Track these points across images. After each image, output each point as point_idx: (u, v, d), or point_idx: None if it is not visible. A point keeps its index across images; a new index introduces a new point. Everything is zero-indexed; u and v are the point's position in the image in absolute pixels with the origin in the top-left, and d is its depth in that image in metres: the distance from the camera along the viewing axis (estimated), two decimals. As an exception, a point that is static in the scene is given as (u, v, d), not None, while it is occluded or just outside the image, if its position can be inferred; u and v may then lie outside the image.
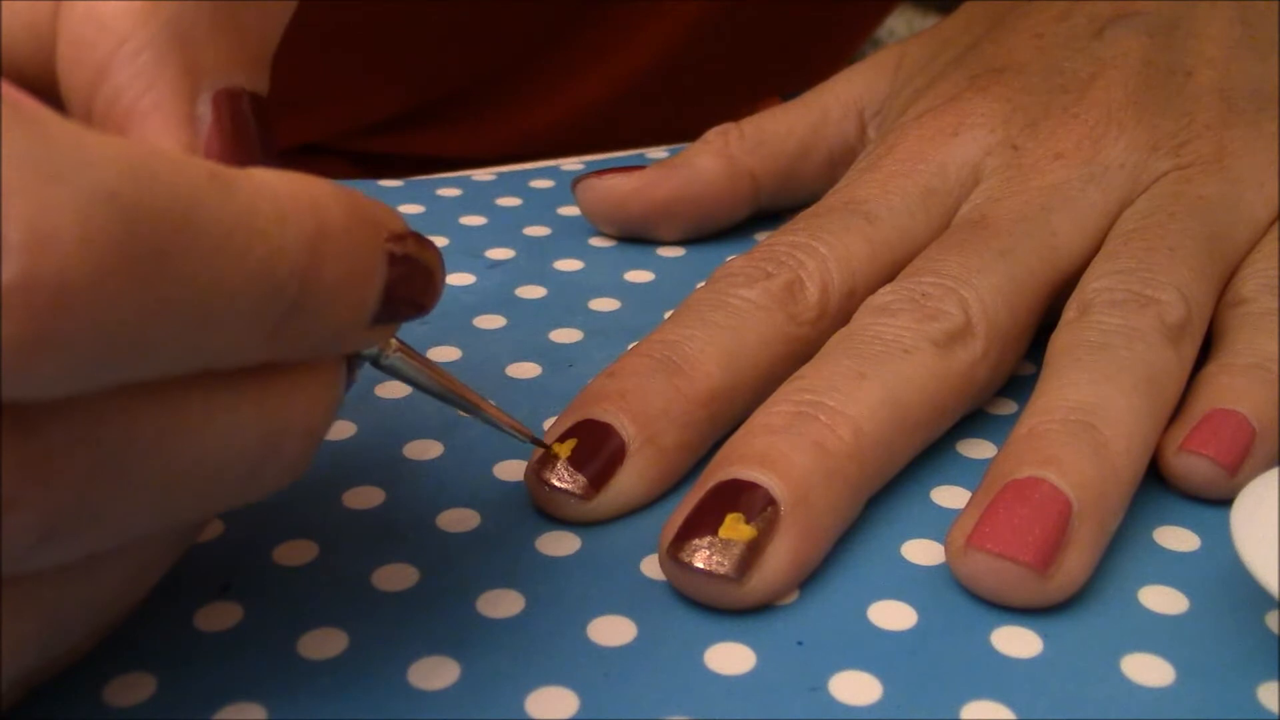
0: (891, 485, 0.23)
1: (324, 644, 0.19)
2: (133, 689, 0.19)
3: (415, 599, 0.20)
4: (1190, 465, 0.22)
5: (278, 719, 0.18)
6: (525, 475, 0.23)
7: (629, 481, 0.22)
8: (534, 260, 0.32)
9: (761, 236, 0.31)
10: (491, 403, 0.21)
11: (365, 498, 0.23)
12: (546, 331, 0.28)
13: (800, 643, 0.20)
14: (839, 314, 0.25)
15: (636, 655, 0.19)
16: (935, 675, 0.19)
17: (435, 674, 0.19)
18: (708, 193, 0.32)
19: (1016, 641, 0.20)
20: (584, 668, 0.19)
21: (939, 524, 0.22)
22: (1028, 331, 0.25)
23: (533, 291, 0.30)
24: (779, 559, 0.20)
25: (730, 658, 0.19)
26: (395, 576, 0.21)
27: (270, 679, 0.19)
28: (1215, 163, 0.27)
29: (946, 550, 0.21)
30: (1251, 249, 0.27)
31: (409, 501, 0.23)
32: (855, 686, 0.19)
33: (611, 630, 0.20)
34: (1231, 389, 0.23)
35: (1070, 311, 0.25)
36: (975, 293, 0.24)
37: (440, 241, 0.32)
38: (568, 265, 0.32)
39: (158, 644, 0.19)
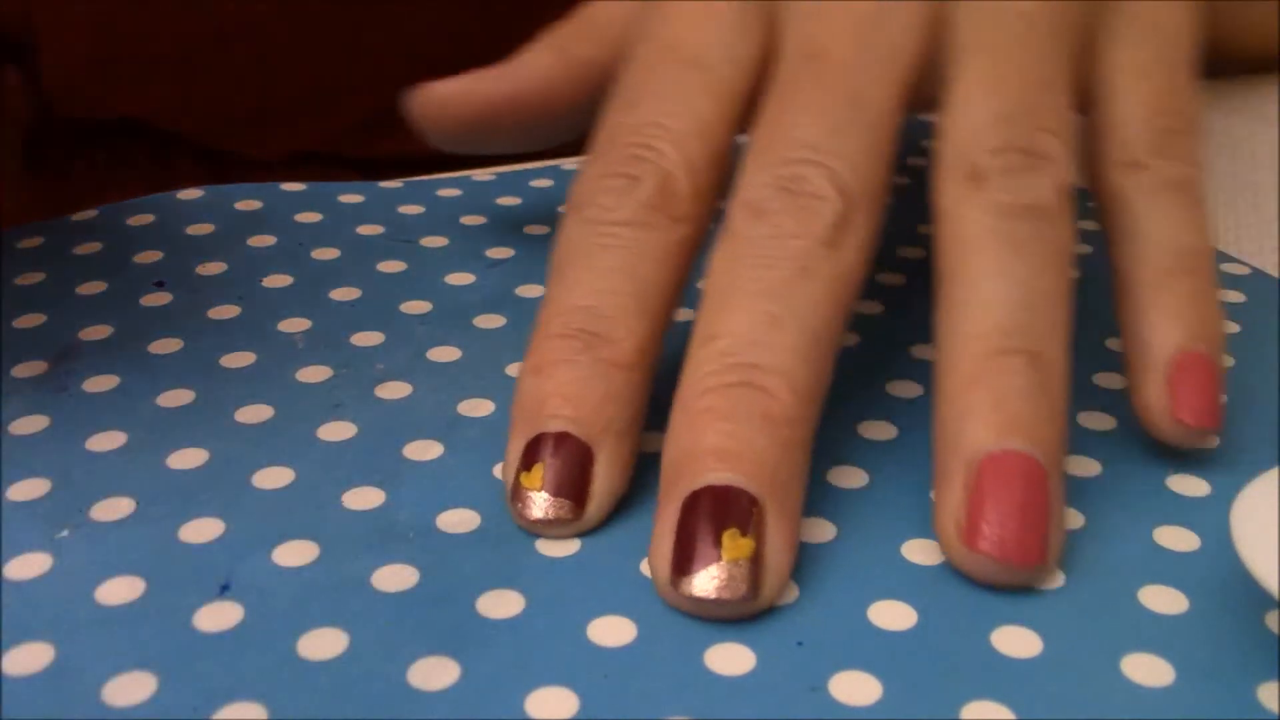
0: (892, 484, 0.23)
1: (324, 644, 0.19)
2: (133, 689, 0.19)
3: (415, 599, 0.20)
4: (1176, 433, 0.23)
5: (278, 719, 0.18)
6: (509, 509, 0.22)
7: (607, 482, 0.22)
8: (534, 260, 0.32)
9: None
10: None
11: (365, 498, 0.23)
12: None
13: (800, 643, 0.20)
14: (709, 190, 0.24)
15: (636, 655, 0.19)
16: (935, 675, 0.19)
17: (435, 674, 0.19)
18: (541, 88, 0.30)
19: (1016, 641, 0.20)
20: (584, 668, 0.19)
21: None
22: (890, 181, 0.24)
23: (533, 291, 0.30)
24: (778, 556, 0.20)
25: (730, 658, 0.19)
26: (395, 576, 0.21)
27: (270, 679, 0.19)
28: None
29: (940, 536, 0.21)
30: (1100, 61, 0.26)
31: (409, 501, 0.23)
32: (855, 686, 0.19)
33: (611, 630, 0.20)
34: (1181, 314, 0.24)
35: (956, 173, 0.23)
36: (844, 163, 0.23)
37: (440, 242, 0.32)
38: (568, 265, 0.32)
39: (158, 644, 0.19)
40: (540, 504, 0.22)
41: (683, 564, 0.20)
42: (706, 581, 0.20)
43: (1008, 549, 0.20)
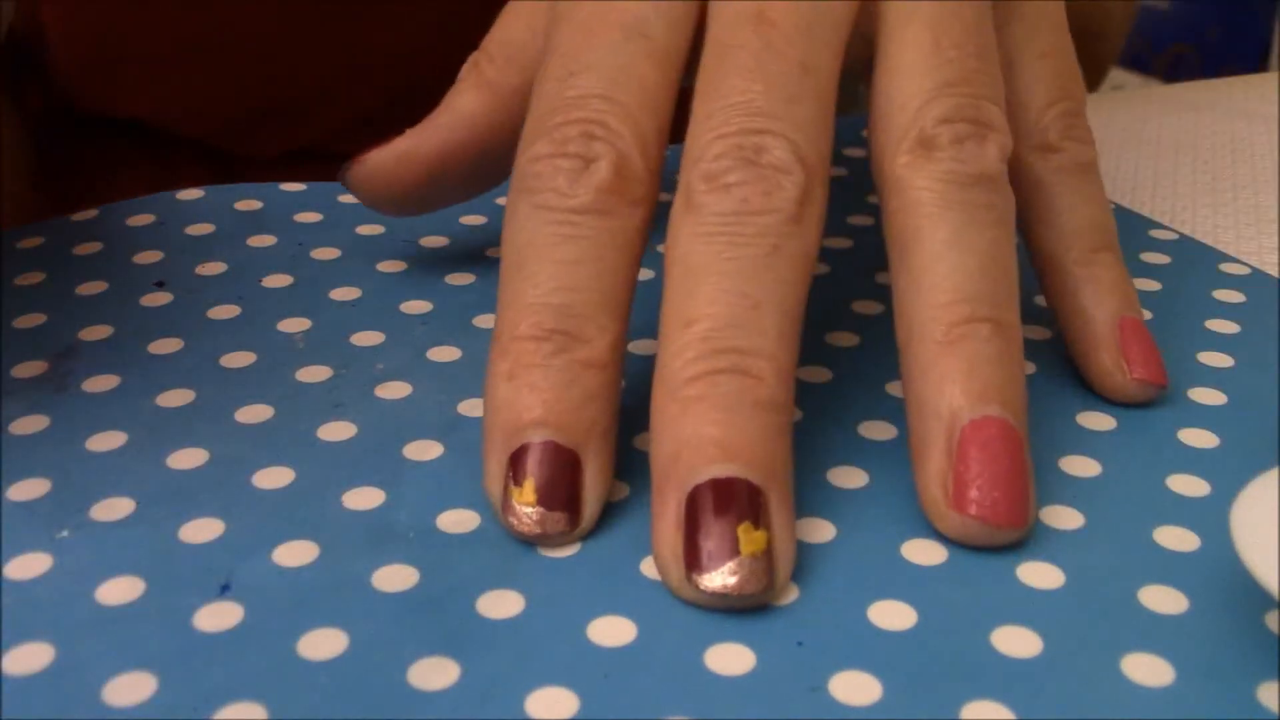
0: (892, 484, 0.23)
1: (324, 644, 0.19)
2: (133, 689, 0.19)
3: (415, 599, 0.20)
4: (1140, 391, 0.26)
5: (277, 719, 0.18)
6: (501, 522, 0.22)
7: (597, 487, 0.22)
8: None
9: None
10: None
11: (365, 498, 0.23)
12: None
13: (800, 643, 0.20)
14: (660, 165, 0.24)
15: (636, 655, 0.19)
16: (935, 675, 0.19)
17: (435, 674, 0.19)
18: (480, 131, 0.28)
19: (1016, 641, 0.20)
20: (584, 668, 0.19)
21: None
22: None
23: (533, 291, 0.30)
24: (786, 544, 0.21)
25: (730, 658, 0.19)
26: (395, 576, 0.21)
27: (270, 679, 0.19)
28: None
29: (925, 501, 0.22)
30: (1003, 36, 0.26)
31: (409, 501, 0.23)
32: (855, 686, 0.19)
33: (611, 630, 0.20)
34: (1115, 288, 0.26)
35: (905, 143, 0.24)
36: (801, 133, 0.23)
37: (440, 241, 0.32)
38: (568, 265, 0.32)
39: (158, 644, 0.19)
40: (535, 519, 0.22)
41: (700, 561, 0.20)
42: (728, 577, 0.20)
43: (998, 512, 0.21)
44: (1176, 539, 0.22)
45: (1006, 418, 0.22)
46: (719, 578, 0.20)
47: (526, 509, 0.22)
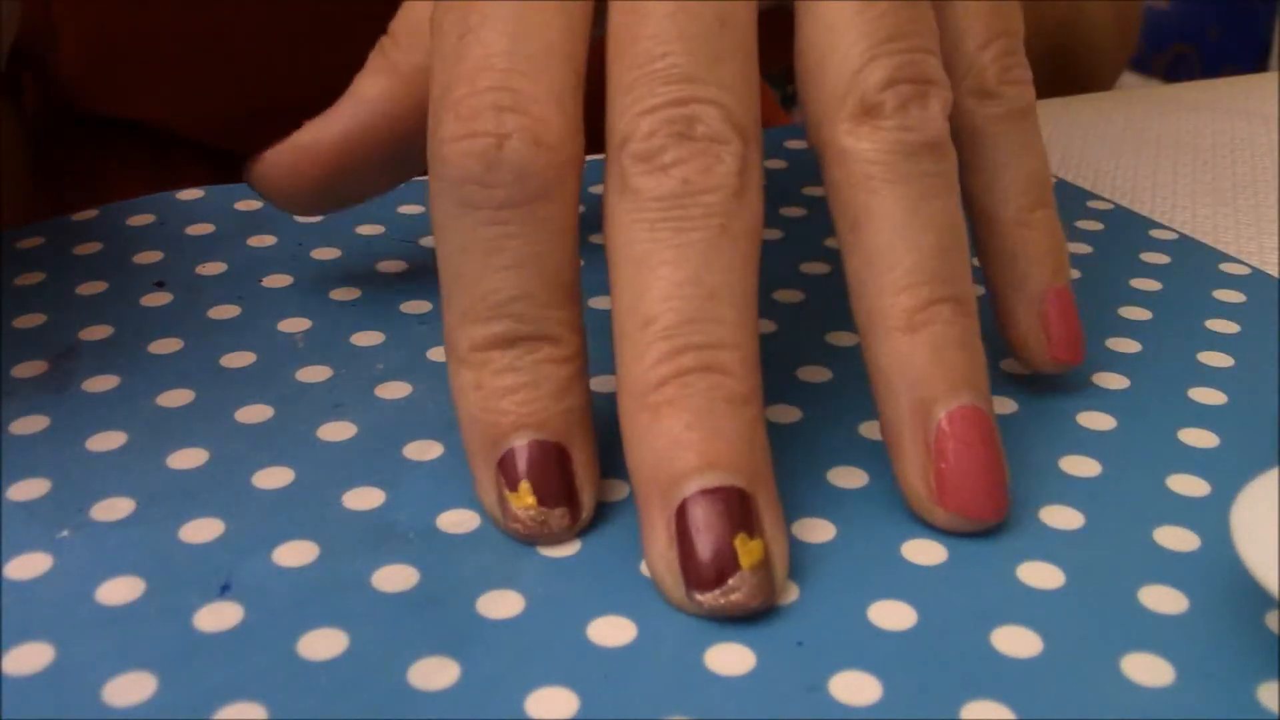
0: (891, 485, 0.23)
1: (324, 644, 0.19)
2: (133, 689, 0.19)
3: (415, 599, 0.20)
4: (1055, 369, 0.26)
5: (277, 719, 0.18)
6: (503, 529, 0.22)
7: (589, 473, 0.22)
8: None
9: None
10: None
11: (365, 498, 0.23)
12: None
13: (800, 643, 0.20)
14: (579, 120, 0.22)
15: (636, 655, 0.19)
16: (935, 675, 0.19)
17: (435, 674, 0.19)
18: (386, 115, 0.26)
19: (1016, 641, 0.20)
20: (584, 668, 0.19)
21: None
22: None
23: (533, 291, 0.30)
24: (779, 544, 0.21)
25: (730, 658, 0.19)
26: (395, 576, 0.21)
27: (270, 679, 0.19)
28: None
29: (907, 494, 0.22)
30: None
31: (409, 501, 0.23)
32: (855, 686, 0.19)
33: (611, 630, 0.20)
34: (1045, 253, 0.25)
35: (848, 106, 0.22)
36: (730, 95, 0.22)
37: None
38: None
39: (158, 644, 0.19)
40: (538, 520, 0.22)
41: (700, 578, 0.20)
42: (731, 593, 0.20)
43: (979, 507, 0.22)
44: (1176, 539, 0.22)
45: (978, 404, 0.22)
46: (721, 594, 0.20)
47: (527, 511, 0.21)
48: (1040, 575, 0.21)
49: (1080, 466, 0.24)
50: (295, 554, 0.21)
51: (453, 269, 0.22)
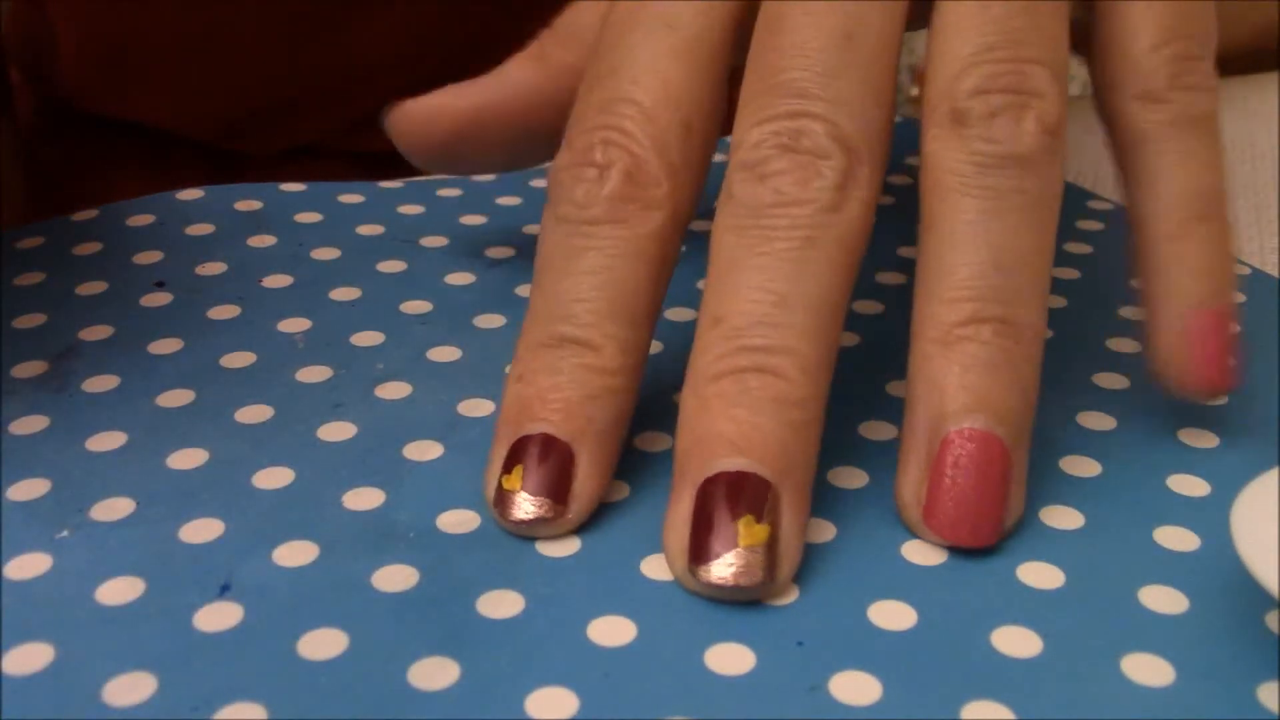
0: (891, 484, 0.23)
1: (324, 644, 0.19)
2: (133, 689, 0.19)
3: (415, 599, 0.20)
4: (1200, 396, 0.24)
5: (277, 719, 0.18)
6: (493, 513, 0.22)
7: (588, 482, 0.22)
8: (534, 260, 0.32)
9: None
10: None
11: (365, 498, 0.23)
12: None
13: (800, 643, 0.20)
14: (686, 163, 0.24)
15: (636, 655, 0.19)
16: (935, 675, 0.19)
17: (435, 674, 0.19)
18: (523, 96, 0.28)
19: (1016, 641, 0.20)
20: (584, 668, 0.19)
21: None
22: (893, 116, 0.23)
23: (533, 291, 0.30)
24: (792, 539, 0.21)
25: (730, 658, 0.19)
26: (395, 576, 0.21)
27: (270, 679, 0.19)
28: None
29: (900, 506, 0.22)
30: None
31: (409, 501, 0.23)
32: (855, 686, 0.19)
33: (611, 630, 0.20)
34: (1198, 270, 0.24)
35: (940, 112, 0.23)
36: (842, 110, 0.22)
37: (440, 242, 0.32)
38: (568, 265, 0.32)
39: (158, 644, 0.19)
40: (521, 504, 0.22)
41: (700, 551, 0.20)
42: (724, 569, 0.20)
43: (959, 533, 0.21)
44: (1176, 539, 0.22)
45: (992, 429, 0.21)
46: (716, 569, 0.20)
47: (515, 495, 0.22)
48: (1040, 575, 0.21)
49: (1080, 466, 0.24)
50: (295, 554, 0.21)
51: (539, 273, 0.24)
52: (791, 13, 0.23)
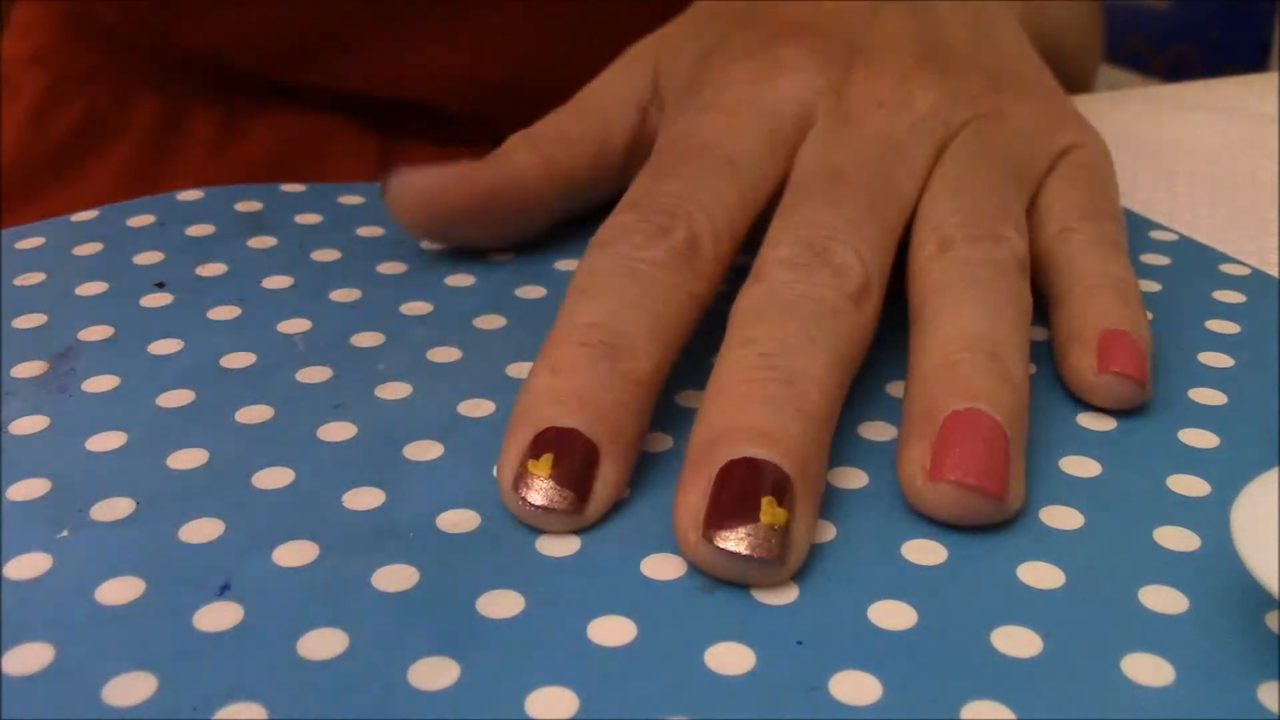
0: (892, 484, 0.23)
1: (324, 644, 0.19)
2: (133, 689, 0.19)
3: (415, 599, 0.20)
4: (1112, 384, 0.25)
5: (277, 719, 0.18)
6: (502, 495, 0.22)
7: (609, 486, 0.22)
8: (534, 262, 0.32)
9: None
10: None
11: (365, 498, 0.23)
12: (546, 332, 0.28)
13: (800, 643, 0.20)
14: (727, 259, 0.26)
15: (636, 655, 0.19)
16: (935, 675, 0.19)
17: (435, 674, 0.19)
18: (526, 187, 0.31)
19: (1016, 641, 0.20)
20: (584, 668, 0.19)
21: (940, 524, 0.22)
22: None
23: (533, 291, 0.30)
24: (801, 535, 0.21)
25: (730, 658, 0.19)
26: (395, 576, 0.21)
27: (270, 679, 0.19)
28: (1001, 117, 0.30)
29: (901, 481, 0.22)
30: (1041, 186, 0.30)
31: (409, 501, 0.23)
32: (855, 686, 0.19)
33: (611, 630, 0.20)
34: (1109, 309, 0.26)
35: (929, 246, 0.27)
36: (864, 244, 0.25)
37: (440, 241, 0.32)
38: (568, 265, 0.32)
39: (157, 644, 0.19)
40: (544, 491, 0.22)
41: (719, 519, 0.21)
42: (742, 538, 0.20)
43: (971, 475, 0.22)
44: (1176, 539, 0.22)
45: (993, 414, 0.22)
46: (733, 539, 0.20)
47: (538, 480, 0.22)
48: (1040, 575, 0.21)
49: (1080, 466, 0.24)
50: (295, 554, 0.21)
51: (579, 287, 0.25)
52: (825, 186, 0.27)
